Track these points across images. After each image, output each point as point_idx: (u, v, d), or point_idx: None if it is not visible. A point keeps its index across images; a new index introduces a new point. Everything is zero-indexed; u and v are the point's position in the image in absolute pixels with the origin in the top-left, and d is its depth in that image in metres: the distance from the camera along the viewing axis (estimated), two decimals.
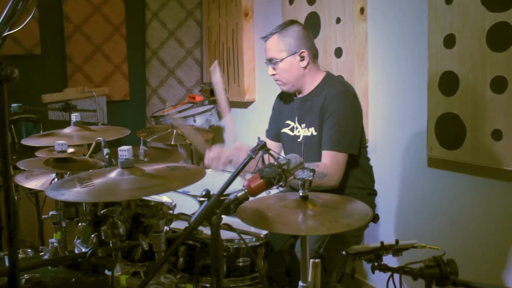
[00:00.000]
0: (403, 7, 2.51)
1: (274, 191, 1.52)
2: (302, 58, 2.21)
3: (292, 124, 2.34)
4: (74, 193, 1.48)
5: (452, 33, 2.17)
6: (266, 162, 1.39)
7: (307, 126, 2.26)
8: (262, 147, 1.32)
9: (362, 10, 2.67)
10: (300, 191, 1.53)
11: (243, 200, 1.40)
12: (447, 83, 2.23)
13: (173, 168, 1.58)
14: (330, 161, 2.10)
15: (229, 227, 1.41)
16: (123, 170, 1.55)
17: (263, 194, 1.37)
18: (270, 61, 2.25)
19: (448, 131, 2.25)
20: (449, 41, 2.19)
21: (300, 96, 2.31)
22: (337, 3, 2.74)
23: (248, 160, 1.30)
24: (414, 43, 2.44)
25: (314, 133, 2.22)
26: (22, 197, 2.97)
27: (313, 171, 1.52)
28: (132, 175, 1.53)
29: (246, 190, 1.32)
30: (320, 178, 2.03)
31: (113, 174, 1.55)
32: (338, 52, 2.75)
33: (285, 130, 2.37)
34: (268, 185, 1.31)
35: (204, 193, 1.27)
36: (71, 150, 1.95)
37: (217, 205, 1.30)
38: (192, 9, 4.26)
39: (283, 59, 2.21)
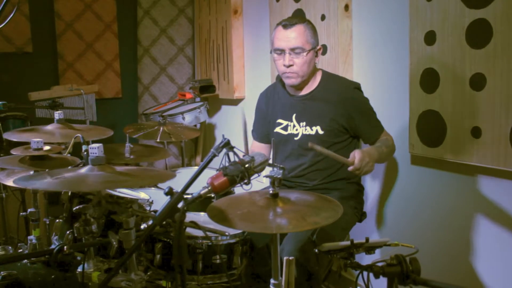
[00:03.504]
0: (386, 3, 2.50)
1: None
2: (316, 54, 2.23)
3: (285, 122, 2.32)
4: (45, 183, 1.49)
5: (433, 29, 2.16)
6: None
7: (309, 125, 2.24)
8: (225, 144, 1.32)
9: (346, 7, 2.66)
10: (270, 189, 1.53)
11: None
12: (428, 80, 2.22)
13: (144, 169, 1.59)
14: (387, 135, 2.27)
15: (195, 225, 1.41)
16: (93, 167, 1.55)
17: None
18: (293, 50, 2.15)
19: (429, 129, 2.25)
20: (430, 38, 2.18)
21: (300, 94, 2.28)
22: (322, 0, 2.73)
23: (211, 157, 1.30)
24: (397, 40, 2.44)
25: (320, 132, 2.21)
26: (9, 195, 2.98)
27: (283, 168, 1.53)
28: (102, 171, 1.54)
29: (209, 188, 1.32)
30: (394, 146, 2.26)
31: (83, 170, 1.56)
32: (323, 49, 2.75)
33: (277, 129, 2.34)
34: (231, 183, 1.31)
35: (167, 190, 1.27)
36: (47, 147, 1.95)
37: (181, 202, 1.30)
38: (183, 7, 4.26)
39: (309, 51, 2.17)
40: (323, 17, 2.73)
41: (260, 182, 2.43)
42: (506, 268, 2.07)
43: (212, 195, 1.93)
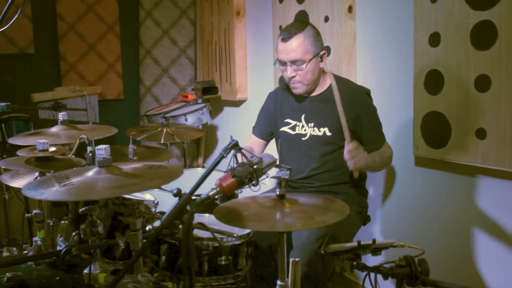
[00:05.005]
0: (390, 5, 2.51)
1: None
2: (321, 59, 2.22)
3: (294, 122, 2.33)
4: (53, 192, 1.48)
5: (437, 31, 2.17)
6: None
7: (318, 126, 2.25)
8: (234, 146, 1.32)
9: (350, 9, 2.67)
10: (277, 190, 1.54)
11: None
12: (433, 82, 2.22)
13: (151, 167, 1.59)
14: (387, 147, 2.28)
15: (203, 226, 1.41)
16: (100, 169, 1.55)
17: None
18: (294, 63, 2.16)
19: (433, 130, 2.25)
20: (434, 39, 2.18)
21: (310, 95, 2.29)
22: (325, 2, 2.73)
23: (219, 159, 1.30)
24: (401, 42, 2.44)
25: (328, 134, 2.22)
26: (12, 196, 2.98)
27: (290, 169, 1.53)
28: (110, 173, 1.54)
29: (218, 189, 1.32)
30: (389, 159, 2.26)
31: (90, 173, 1.55)
32: (327, 51, 2.75)
33: (285, 128, 2.35)
34: (239, 184, 1.32)
35: (175, 191, 1.27)
36: (52, 149, 1.95)
37: (189, 204, 1.30)
38: (185, 8, 4.26)
39: (310, 60, 2.16)
40: (326, 19, 2.74)
41: (264, 184, 2.43)
42: (510, 269, 2.07)
43: (216, 197, 1.93)
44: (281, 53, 2.19)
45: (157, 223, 1.87)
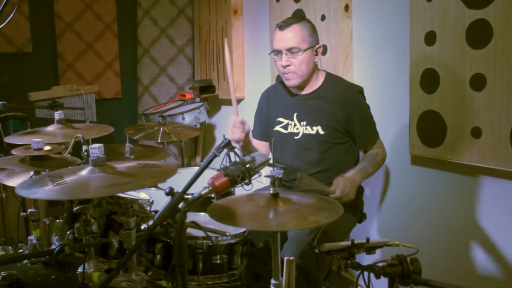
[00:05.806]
0: (387, 4, 2.50)
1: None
2: (316, 53, 2.22)
3: (286, 121, 2.32)
4: (47, 191, 1.48)
5: (433, 30, 2.16)
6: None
7: (310, 124, 2.24)
8: (226, 145, 1.32)
9: (346, 7, 2.66)
10: (270, 189, 1.53)
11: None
12: (428, 81, 2.22)
13: (145, 166, 1.59)
14: (380, 146, 2.31)
15: (196, 225, 1.41)
16: (94, 168, 1.55)
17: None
18: (290, 50, 2.16)
19: (429, 129, 2.25)
20: (430, 38, 2.18)
21: (302, 93, 2.29)
22: (322, 1, 2.73)
23: (212, 158, 1.30)
24: (398, 40, 2.44)
25: (321, 132, 2.21)
26: (9, 195, 2.98)
27: (283, 168, 1.53)
28: (103, 172, 1.53)
29: (210, 188, 1.32)
30: (382, 161, 2.30)
31: (84, 172, 1.55)
32: (323, 49, 2.75)
33: (277, 127, 2.34)
34: (232, 183, 1.32)
35: (168, 190, 1.27)
36: (47, 147, 1.95)
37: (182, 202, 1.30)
38: (183, 7, 4.26)
39: (306, 50, 2.16)
40: (323, 18, 2.74)
41: (260, 183, 2.44)
42: (506, 268, 2.08)
43: (212, 196, 1.93)
44: (277, 41, 2.19)
45: (152, 222, 1.87)
